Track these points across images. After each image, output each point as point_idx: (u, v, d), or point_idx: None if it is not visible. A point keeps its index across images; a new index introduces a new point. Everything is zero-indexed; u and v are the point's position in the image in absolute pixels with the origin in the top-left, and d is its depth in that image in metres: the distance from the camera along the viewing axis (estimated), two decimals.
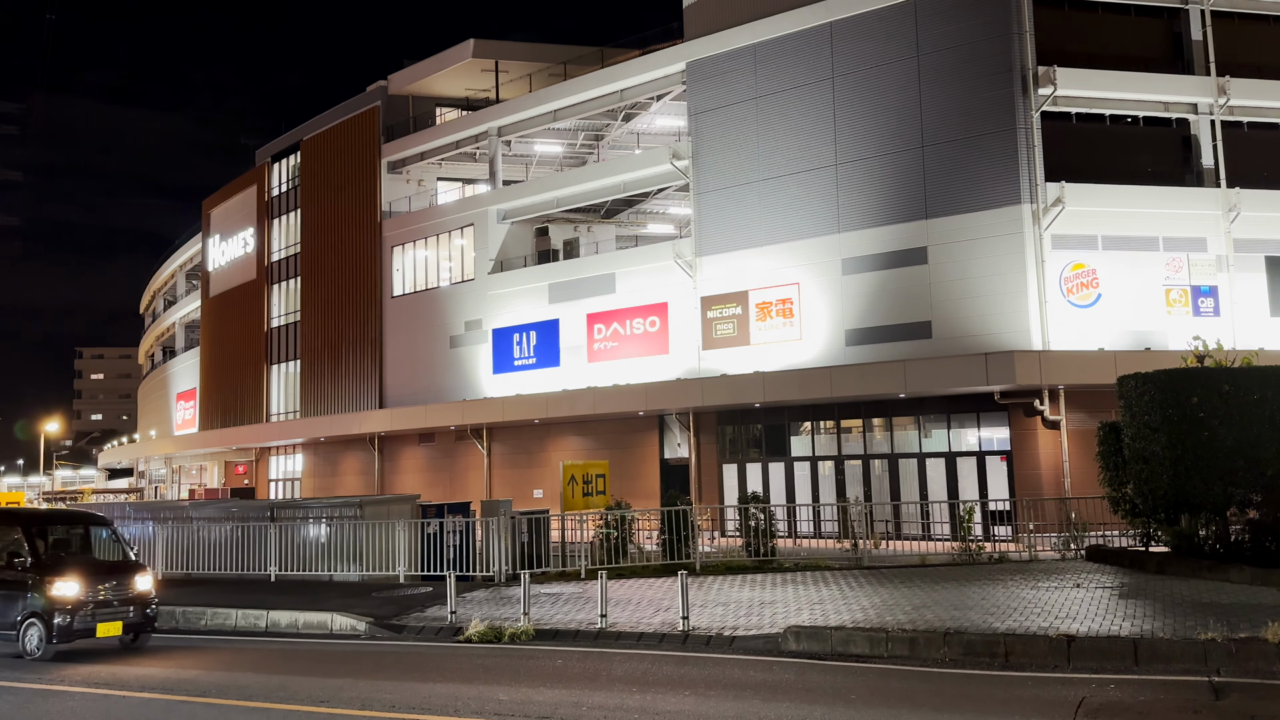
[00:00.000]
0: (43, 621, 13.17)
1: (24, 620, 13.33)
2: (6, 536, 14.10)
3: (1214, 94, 27.74)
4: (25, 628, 13.30)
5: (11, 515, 14.66)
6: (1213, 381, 15.37)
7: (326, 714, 9.66)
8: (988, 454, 26.56)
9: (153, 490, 66.03)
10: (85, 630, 13.30)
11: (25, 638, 13.28)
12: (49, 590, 13.29)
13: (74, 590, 13.36)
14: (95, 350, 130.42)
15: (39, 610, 13.23)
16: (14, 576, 13.64)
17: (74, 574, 13.53)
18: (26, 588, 13.41)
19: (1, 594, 13.65)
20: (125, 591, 13.87)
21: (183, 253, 64.15)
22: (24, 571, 13.58)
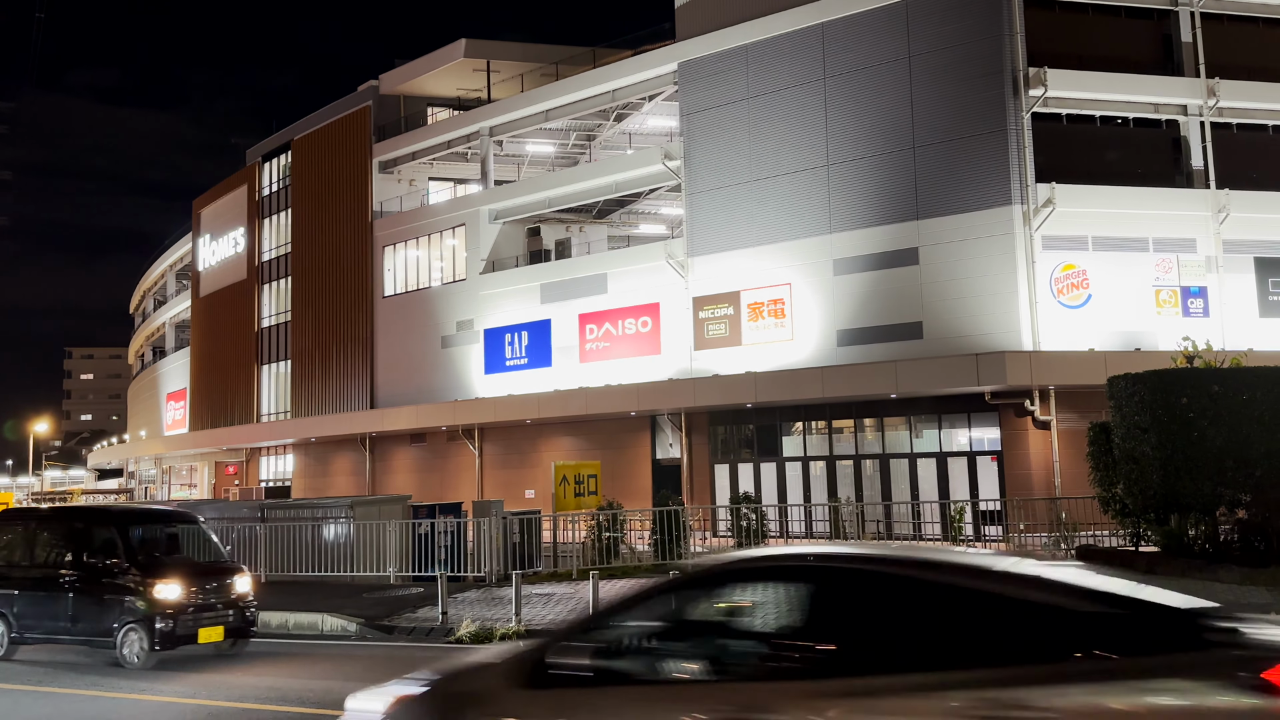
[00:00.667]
0: (144, 627, 12.17)
1: (122, 626, 12.30)
2: (99, 536, 13.20)
3: (1203, 95, 27.85)
4: (124, 634, 12.27)
5: (105, 514, 13.78)
6: (1202, 382, 15.43)
7: (317, 714, 9.63)
8: (978, 454, 26.62)
9: (143, 491, 65.77)
10: (188, 636, 12.38)
11: (124, 645, 12.27)
12: (151, 593, 12.29)
13: (176, 593, 12.40)
14: (85, 350, 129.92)
15: (140, 615, 12.24)
16: (110, 580, 12.67)
17: (175, 576, 12.59)
18: (124, 591, 12.43)
19: (95, 598, 12.65)
20: (226, 594, 13.00)
21: (173, 252, 63.94)
22: (121, 574, 12.62)
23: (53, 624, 12.93)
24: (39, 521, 14.28)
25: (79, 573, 12.95)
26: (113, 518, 13.48)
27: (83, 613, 12.69)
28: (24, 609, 13.20)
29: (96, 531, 13.29)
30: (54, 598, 12.91)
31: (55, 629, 12.93)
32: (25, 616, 13.18)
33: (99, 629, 12.50)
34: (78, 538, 13.35)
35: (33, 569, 13.45)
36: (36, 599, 13.09)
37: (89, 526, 13.48)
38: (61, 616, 12.81)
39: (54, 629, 12.94)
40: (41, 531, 13.88)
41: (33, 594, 13.15)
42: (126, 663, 12.22)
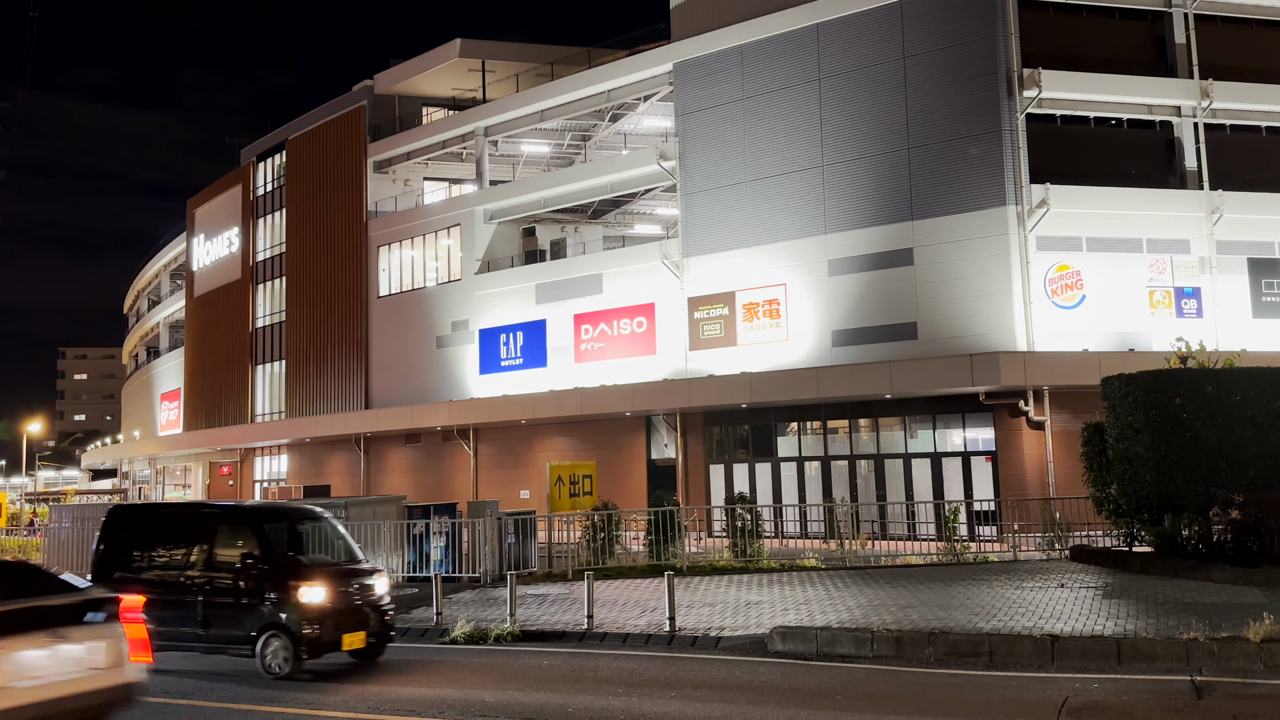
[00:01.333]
0: (288, 634, 11.26)
1: (262, 633, 11.41)
2: (233, 535, 12.27)
3: (1197, 97, 27.93)
4: (265, 641, 11.39)
5: (239, 510, 12.85)
6: (1196, 382, 15.48)
7: (311, 715, 9.62)
8: (973, 454, 26.66)
9: (137, 492, 65.62)
10: (333, 643, 11.46)
11: (266, 653, 11.39)
12: (296, 597, 11.35)
13: (321, 596, 11.46)
14: (79, 350, 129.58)
15: (283, 621, 11.31)
16: (248, 582, 11.68)
17: (319, 578, 11.65)
18: (265, 595, 11.49)
19: (230, 602, 11.70)
20: (366, 596, 12.05)
21: (167, 252, 63.79)
22: (262, 576, 11.63)
23: (178, 630, 11.88)
24: (159, 519, 13.28)
25: (211, 575, 11.96)
26: (248, 515, 12.51)
27: (216, 618, 11.74)
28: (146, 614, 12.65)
29: (230, 529, 12.31)
30: (180, 602, 11.89)
31: (181, 636, 11.91)
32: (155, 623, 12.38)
33: (236, 636, 11.62)
34: (207, 536, 12.31)
35: (153, 571, 12.39)
36: (161, 603, 11.86)
37: (220, 524, 12.44)
38: (189, 622, 11.82)
39: (180, 636, 11.92)
40: (162, 530, 12.82)
41: (156, 598, 11.91)
42: (269, 672, 11.32)
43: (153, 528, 12.92)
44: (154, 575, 12.30)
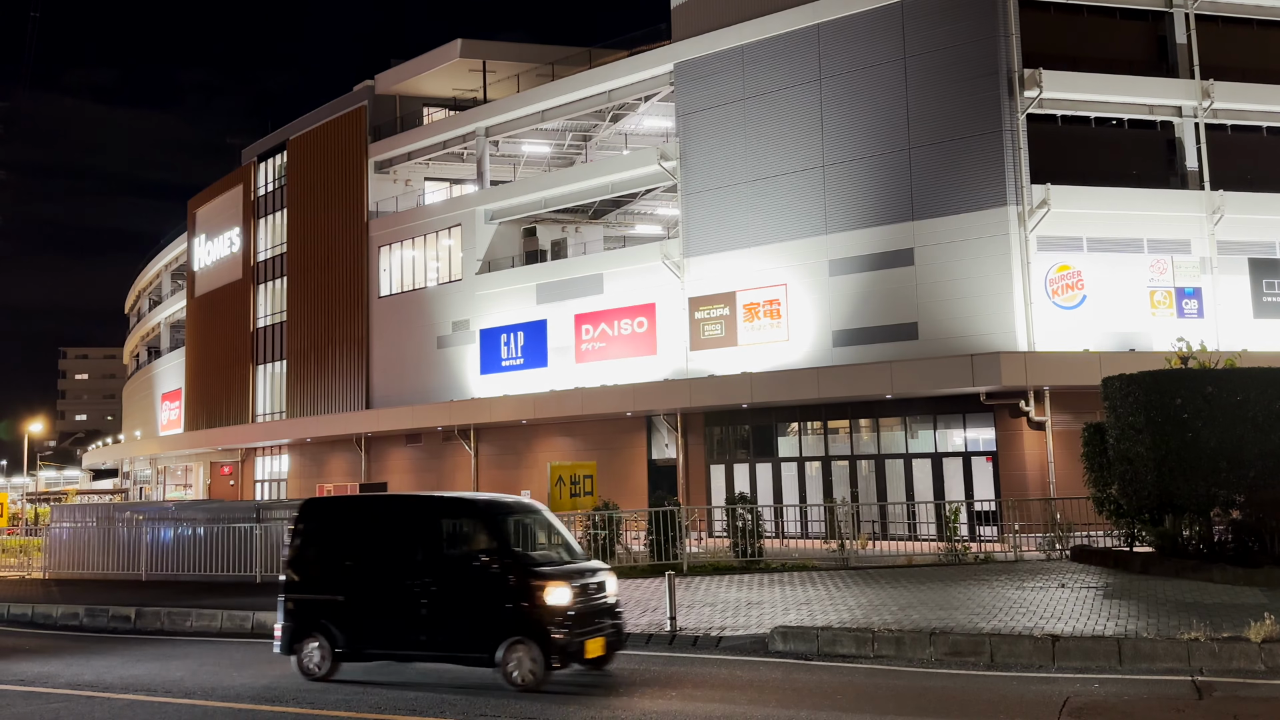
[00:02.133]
0: (536, 640, 10.11)
1: (503, 639, 10.21)
2: (462, 530, 11.21)
3: (1198, 97, 27.92)
4: (507, 649, 10.20)
5: (467, 503, 11.62)
6: (1196, 383, 15.47)
7: (313, 714, 9.63)
8: (973, 455, 26.66)
9: (137, 491, 65.65)
10: (579, 651, 10.32)
11: (509, 662, 10.19)
12: (542, 599, 10.22)
13: (566, 598, 10.31)
14: (79, 350, 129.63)
15: (528, 626, 10.18)
16: (485, 583, 10.50)
17: (561, 578, 10.49)
18: (505, 597, 10.33)
19: (463, 605, 10.59)
20: (602, 596, 10.96)
21: (168, 252, 63.80)
22: (500, 576, 10.45)
23: (397, 636, 10.79)
24: (369, 512, 11.99)
25: (437, 575, 10.75)
26: (478, 508, 11.28)
27: (444, 623, 10.57)
28: (355, 618, 11.03)
29: (456, 524, 11.29)
30: (400, 605, 10.79)
31: (401, 642, 10.80)
32: (356, 627, 11.01)
33: (469, 642, 10.43)
34: (429, 531, 11.19)
35: (365, 570, 11.22)
36: (373, 606, 10.98)
37: (444, 517, 11.37)
38: (412, 627, 10.68)
39: (399, 642, 10.81)
40: (375, 524, 11.61)
41: (368, 600, 11.02)
42: (513, 683, 10.16)
43: (360, 522, 11.72)
44: (364, 575, 11.20)
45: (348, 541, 11.51)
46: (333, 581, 11.31)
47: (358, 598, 11.08)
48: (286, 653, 11.37)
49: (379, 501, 12.66)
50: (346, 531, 11.63)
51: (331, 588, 11.28)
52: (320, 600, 11.26)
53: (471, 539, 10.99)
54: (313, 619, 11.21)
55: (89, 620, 17.21)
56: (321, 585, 11.38)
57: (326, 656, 11.08)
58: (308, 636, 11.19)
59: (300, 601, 11.42)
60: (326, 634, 11.08)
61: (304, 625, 11.25)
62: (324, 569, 11.47)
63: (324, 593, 11.29)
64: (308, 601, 11.36)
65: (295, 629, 11.32)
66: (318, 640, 11.12)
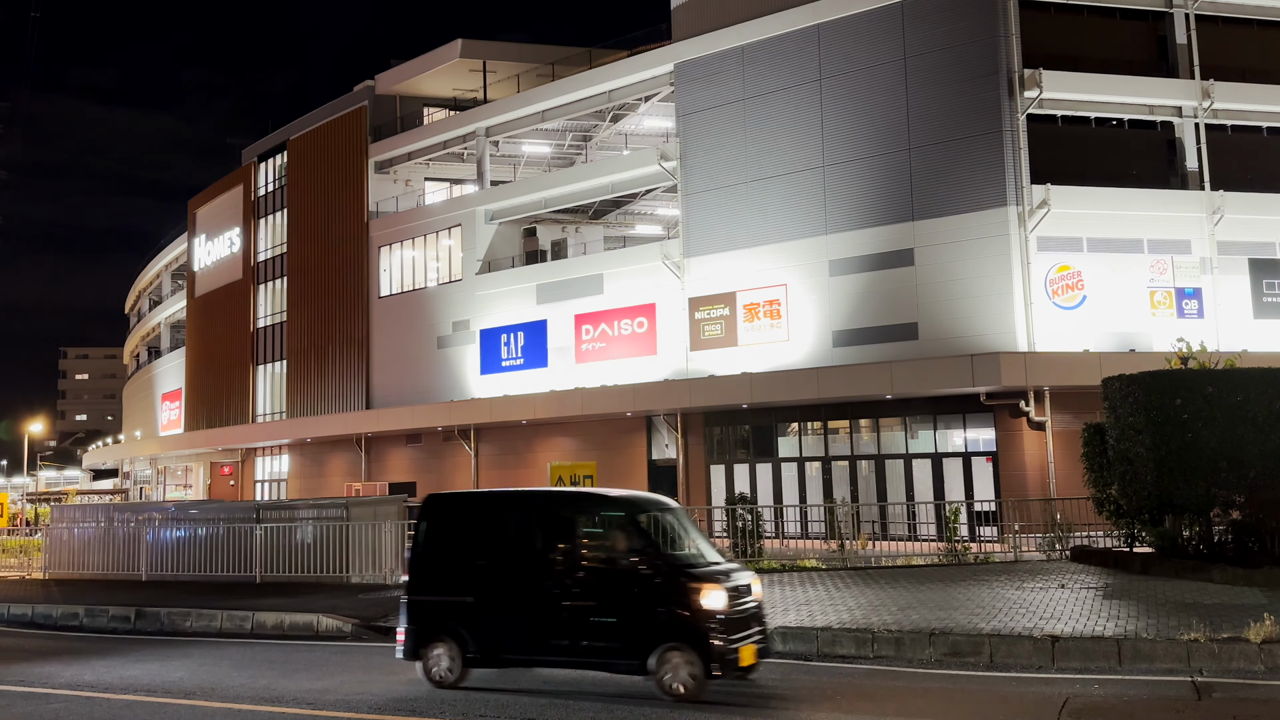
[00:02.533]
0: (694, 647, 9.45)
1: (657, 645, 9.55)
2: (606, 527, 10.45)
3: (1198, 97, 27.92)
4: (662, 656, 9.51)
5: (609, 501, 10.80)
6: (1196, 383, 15.47)
7: (312, 715, 9.63)
8: (973, 455, 26.66)
9: (138, 491, 65.66)
10: (734, 658, 9.56)
11: (664, 670, 9.49)
12: (699, 603, 9.54)
13: (723, 601, 9.61)
14: (80, 350, 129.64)
15: (685, 631, 9.50)
16: (635, 586, 9.82)
17: (715, 580, 9.78)
18: (657, 600, 9.67)
19: (611, 607, 9.86)
20: (750, 600, 10.19)
21: (168, 252, 63.82)
22: (652, 578, 9.77)
23: (535, 641, 10.14)
24: (499, 508, 11.35)
25: (580, 575, 10.12)
26: (621, 504, 10.52)
27: (588, 627, 9.91)
28: (487, 622, 10.39)
29: (597, 521, 10.51)
30: (539, 608, 10.13)
31: (539, 647, 10.14)
32: (489, 631, 10.36)
33: (617, 648, 9.77)
34: (567, 530, 10.48)
35: (499, 570, 10.55)
36: (509, 609, 10.32)
37: (583, 514, 10.63)
38: (552, 632, 10.05)
39: (537, 647, 10.16)
40: (509, 522, 10.96)
41: (502, 602, 10.37)
42: (669, 693, 9.48)
43: (491, 519, 11.05)
44: (497, 575, 10.51)
45: (477, 539, 10.85)
46: (462, 582, 10.60)
47: (490, 599, 10.40)
48: (410, 658, 10.67)
49: (512, 497, 11.97)
50: (476, 529, 10.98)
51: (460, 588, 10.57)
52: (448, 602, 10.57)
53: (615, 537, 10.28)
54: (440, 622, 10.52)
55: (89, 620, 17.21)
56: (449, 586, 10.68)
57: (456, 662, 10.37)
58: (434, 641, 10.51)
59: (425, 603, 10.71)
60: (456, 638, 10.40)
61: (430, 629, 10.57)
62: (451, 569, 10.78)
63: (452, 594, 10.60)
64: (434, 603, 10.68)
65: (420, 632, 10.60)
66: (445, 645, 10.44)
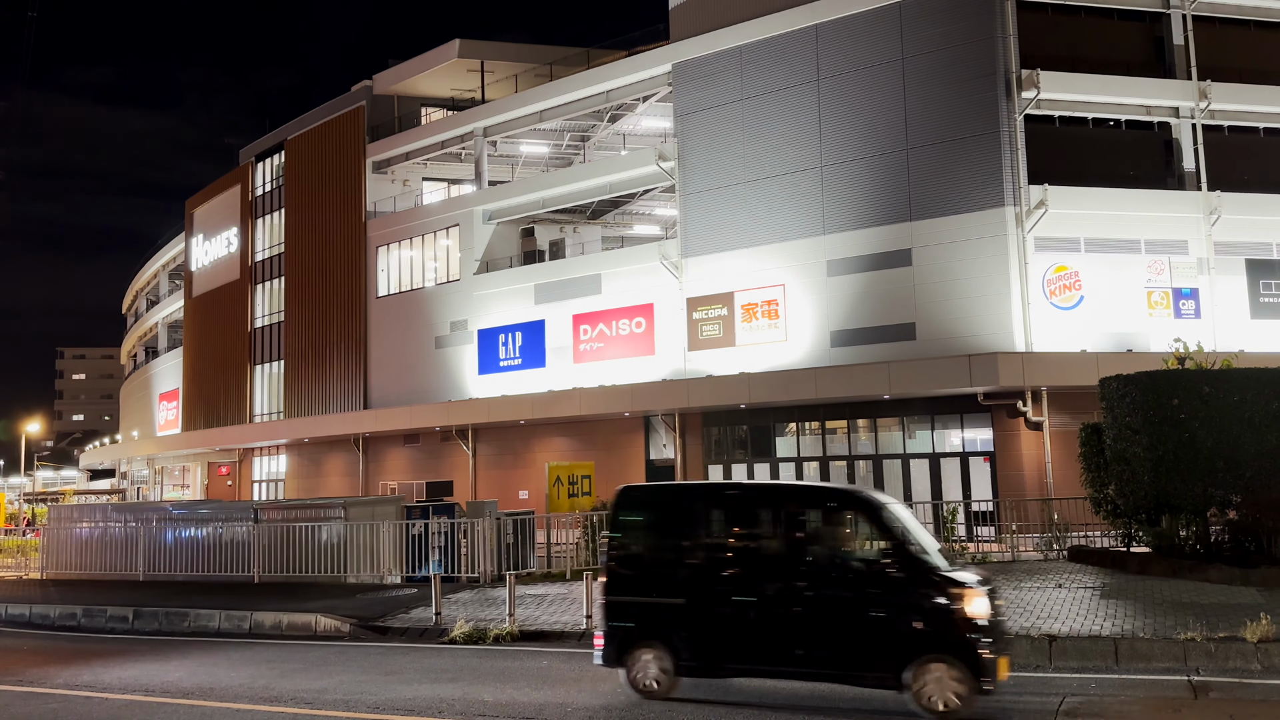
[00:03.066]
0: (959, 656, 8.55)
1: (914, 657, 8.67)
2: (840, 527, 9.59)
3: (1195, 98, 27.97)
4: (920, 668, 8.64)
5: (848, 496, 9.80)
6: (1193, 383, 15.50)
7: (310, 714, 9.64)
8: (971, 455, 26.70)
9: (135, 491, 65.60)
10: (995, 671, 8.77)
11: (923, 684, 8.62)
12: (963, 609, 8.63)
13: (986, 607, 8.74)
14: (77, 350, 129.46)
15: (946, 639, 8.63)
16: (884, 590, 8.98)
17: (975, 585, 8.85)
18: (911, 606, 8.80)
19: (856, 615, 9.00)
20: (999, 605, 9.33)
21: (166, 252, 63.77)
22: (904, 582, 8.92)
23: (764, 650, 9.28)
24: (720, 503, 10.35)
25: (816, 578, 9.21)
26: (859, 501, 9.58)
27: (827, 636, 9.04)
28: (704, 627, 9.51)
29: (833, 519, 9.61)
30: (769, 613, 9.24)
31: (768, 656, 9.29)
32: (707, 637, 9.49)
33: (865, 659, 8.91)
34: (798, 527, 9.64)
35: (715, 570, 9.65)
36: (728, 614, 9.40)
37: (813, 510, 9.78)
38: (783, 640, 9.17)
39: (766, 656, 9.30)
40: (725, 517, 10.05)
41: (720, 606, 9.47)
42: (928, 709, 8.63)
43: (704, 514, 10.13)
44: (714, 576, 9.62)
45: (689, 536, 9.97)
46: (671, 582, 9.73)
47: (707, 602, 9.49)
48: (612, 664, 9.88)
49: (732, 491, 10.93)
50: (686, 524, 10.06)
51: (669, 589, 9.69)
52: (656, 604, 9.72)
53: (853, 536, 9.44)
54: (648, 626, 9.68)
55: (86, 620, 17.22)
56: (656, 586, 9.79)
57: (667, 670, 9.52)
58: (641, 646, 9.65)
59: (629, 605, 9.83)
60: (667, 644, 9.53)
61: (635, 633, 9.71)
62: (659, 567, 9.91)
63: (659, 595, 9.73)
64: (639, 605, 9.79)
65: (624, 637, 9.75)
66: (654, 651, 9.58)
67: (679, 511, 10.28)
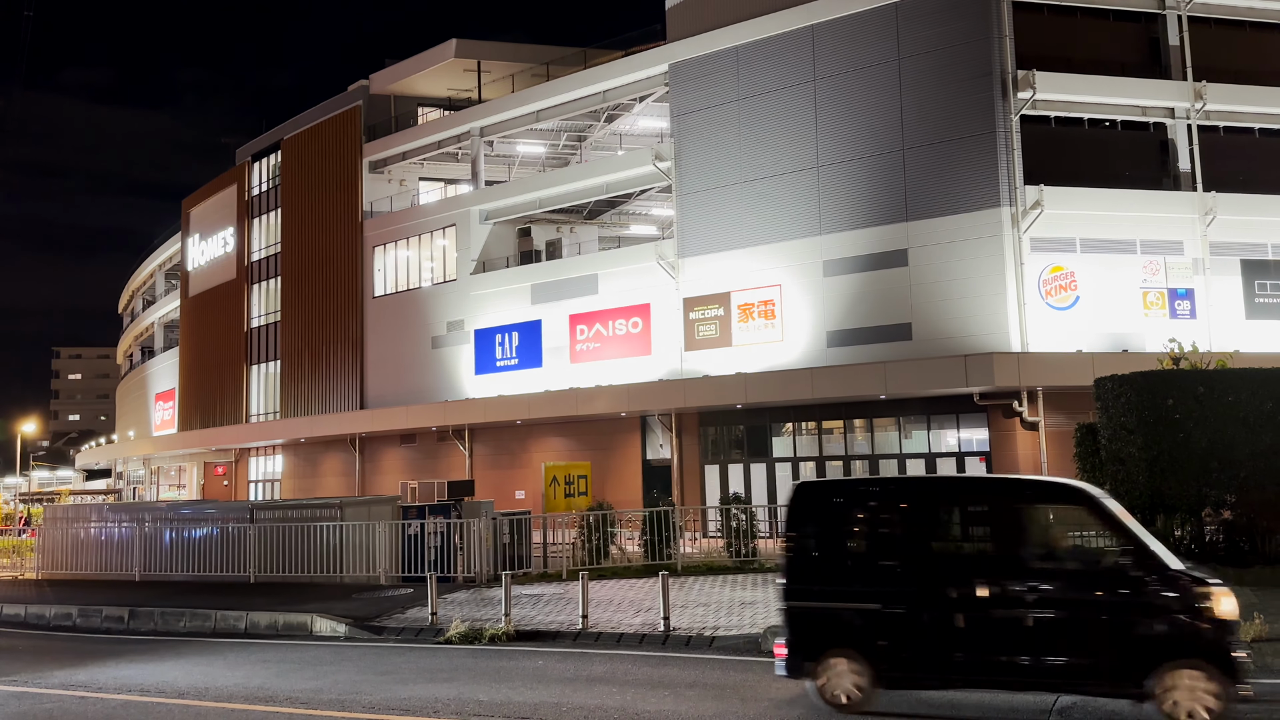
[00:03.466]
0: (1214, 662, 7.93)
1: (1160, 661, 8.02)
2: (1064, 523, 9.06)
3: (1191, 98, 28.02)
4: (1167, 673, 7.98)
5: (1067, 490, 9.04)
6: (1188, 383, 15.54)
7: (306, 714, 9.64)
8: (967, 455, 26.74)
9: (131, 491, 65.52)
10: None
11: (1174, 691, 7.96)
12: (1214, 610, 8.03)
13: (1234, 608, 8.17)
14: (73, 350, 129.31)
15: (1198, 644, 8.00)
16: (1122, 588, 8.29)
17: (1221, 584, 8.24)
18: (1155, 604, 8.15)
19: (1087, 620, 8.32)
20: None
21: (162, 252, 63.72)
22: (1145, 583, 8.22)
23: (983, 659, 8.59)
24: (918, 498, 9.52)
25: (1047, 580, 8.51)
26: (1081, 495, 8.82)
27: (1061, 642, 8.34)
28: (907, 633, 8.82)
29: (1053, 514, 9.02)
30: (985, 619, 8.52)
31: (989, 665, 8.58)
32: (911, 645, 8.82)
33: (1105, 666, 8.20)
34: (1015, 523, 8.90)
35: (918, 571, 8.95)
36: (939, 620, 8.68)
37: (1030, 505, 9.06)
38: (1006, 648, 8.47)
39: (986, 665, 8.59)
40: (927, 514, 9.30)
41: (928, 611, 8.75)
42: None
43: (901, 510, 9.39)
44: (917, 578, 8.92)
45: (882, 534, 9.32)
46: (866, 585, 9.05)
47: (912, 607, 8.79)
48: (795, 675, 9.20)
49: (933, 485, 10.22)
50: (882, 522, 9.38)
51: (863, 593, 9.02)
52: (848, 609, 9.06)
53: (1078, 533, 8.86)
54: (838, 632, 9.03)
55: (82, 620, 17.21)
56: (848, 590, 9.11)
57: (864, 681, 8.88)
58: (830, 654, 9.00)
59: (817, 611, 9.16)
60: (862, 652, 8.89)
61: (823, 640, 9.06)
62: (849, 569, 9.24)
63: (852, 599, 9.06)
64: (829, 611, 9.13)
65: (810, 644, 9.10)
66: (847, 660, 8.93)
67: (873, 508, 9.52)
